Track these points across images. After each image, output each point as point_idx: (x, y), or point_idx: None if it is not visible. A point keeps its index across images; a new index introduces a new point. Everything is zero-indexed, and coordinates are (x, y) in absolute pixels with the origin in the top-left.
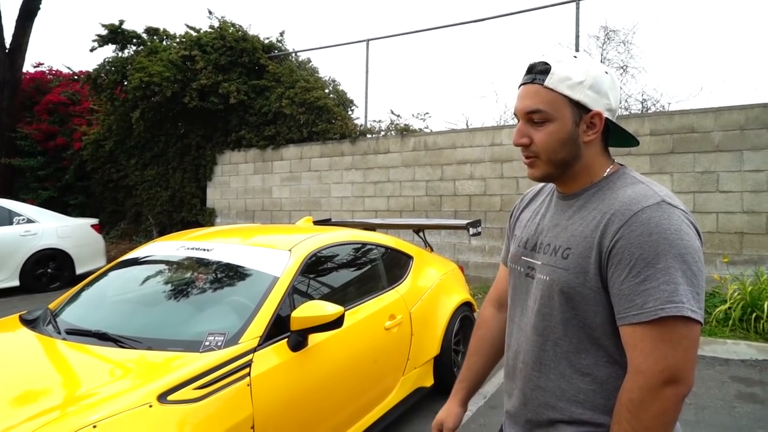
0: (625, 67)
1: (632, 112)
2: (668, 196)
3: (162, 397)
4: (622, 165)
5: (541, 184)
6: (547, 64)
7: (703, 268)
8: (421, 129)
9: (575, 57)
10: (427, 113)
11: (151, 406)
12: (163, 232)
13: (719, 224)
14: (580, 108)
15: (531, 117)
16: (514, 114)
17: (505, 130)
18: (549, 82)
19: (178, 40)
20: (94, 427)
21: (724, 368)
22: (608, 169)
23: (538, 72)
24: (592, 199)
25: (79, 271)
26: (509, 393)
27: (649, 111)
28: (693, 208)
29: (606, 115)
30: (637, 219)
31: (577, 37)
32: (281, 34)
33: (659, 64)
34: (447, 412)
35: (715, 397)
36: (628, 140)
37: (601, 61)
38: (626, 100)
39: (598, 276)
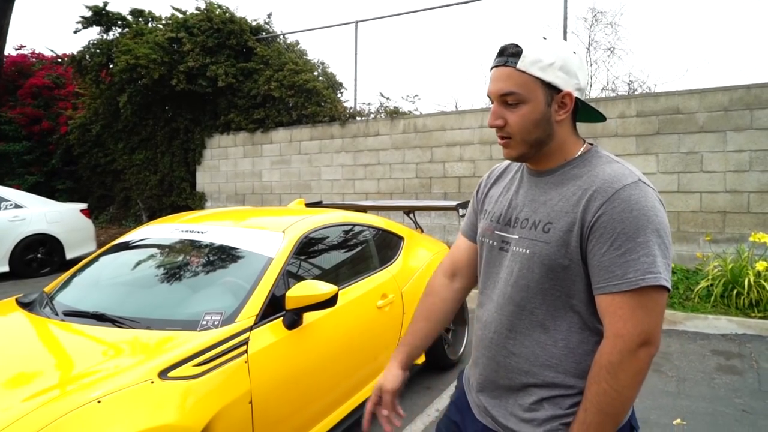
0: (612, 49)
1: (619, 93)
2: (642, 177)
3: (163, 374)
4: (593, 144)
5: (506, 163)
6: (518, 46)
7: (671, 244)
8: (410, 111)
9: (545, 39)
10: (417, 96)
11: (152, 383)
12: (152, 216)
13: (702, 204)
14: (551, 89)
15: (505, 99)
16: (488, 96)
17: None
18: (521, 64)
19: (164, 22)
20: (99, 402)
21: (706, 342)
22: (581, 149)
23: (509, 54)
24: (569, 176)
25: (69, 256)
26: (477, 362)
27: (636, 92)
28: (677, 188)
29: (576, 94)
30: (618, 196)
31: (565, 18)
32: (269, 16)
33: (646, 46)
34: (385, 375)
35: (696, 370)
36: (596, 116)
37: (589, 43)
38: (613, 82)
39: (579, 248)
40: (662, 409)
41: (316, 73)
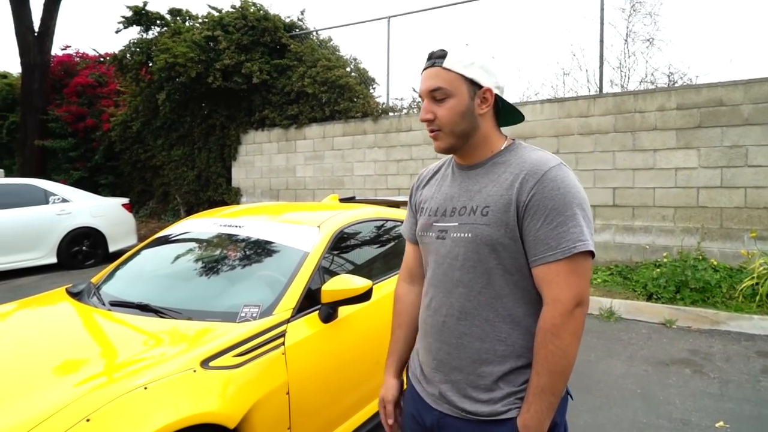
0: (651, 40)
1: (658, 86)
2: (562, 161)
3: (204, 363)
4: (515, 140)
5: (435, 165)
6: (443, 50)
7: (592, 216)
8: None
9: (467, 44)
10: None
11: (195, 371)
12: (190, 211)
13: (747, 199)
14: (473, 85)
15: (434, 95)
16: (419, 96)
17: (528, 106)
18: (446, 63)
19: (200, 20)
20: (145, 388)
21: (750, 344)
22: (506, 143)
23: (436, 57)
24: (497, 166)
25: (112, 248)
26: (428, 349)
27: (676, 84)
28: (720, 183)
29: (495, 91)
30: (547, 176)
31: (602, 9)
32: (302, 12)
33: (687, 36)
34: (385, 387)
35: (740, 372)
36: (517, 117)
37: (627, 35)
38: (652, 74)
39: (516, 226)
40: (704, 411)
41: (348, 69)
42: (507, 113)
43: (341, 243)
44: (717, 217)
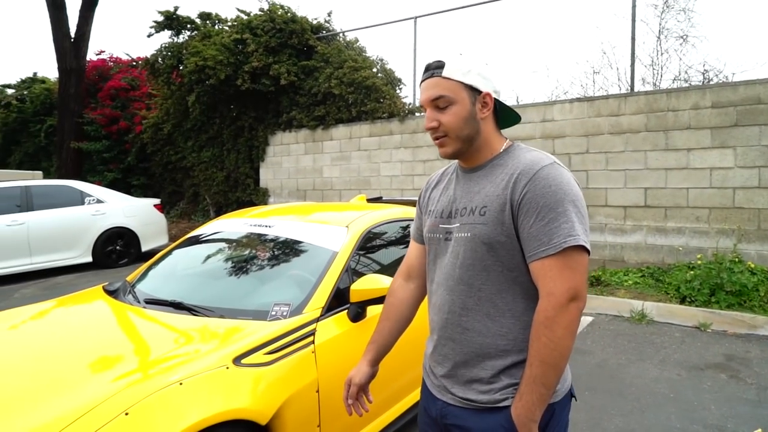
0: (685, 37)
1: (692, 84)
2: (557, 160)
3: (237, 360)
4: (513, 141)
5: (441, 170)
6: (440, 61)
7: (587, 213)
8: None
9: (461, 54)
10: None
11: (227, 368)
12: (219, 211)
13: None
14: (473, 90)
15: (437, 103)
16: (421, 106)
17: (557, 106)
18: (446, 72)
19: (229, 23)
20: (180, 384)
21: None
22: (504, 145)
23: (435, 68)
24: (496, 167)
25: (144, 248)
26: (435, 345)
27: (711, 82)
28: (758, 183)
29: (493, 95)
30: (538, 175)
31: (634, 6)
32: (329, 14)
33: (723, 33)
34: (357, 370)
35: None
36: (514, 119)
37: (660, 32)
38: (686, 72)
39: (512, 225)
40: (740, 417)
41: (375, 70)
42: (505, 116)
43: (369, 243)
44: (755, 219)
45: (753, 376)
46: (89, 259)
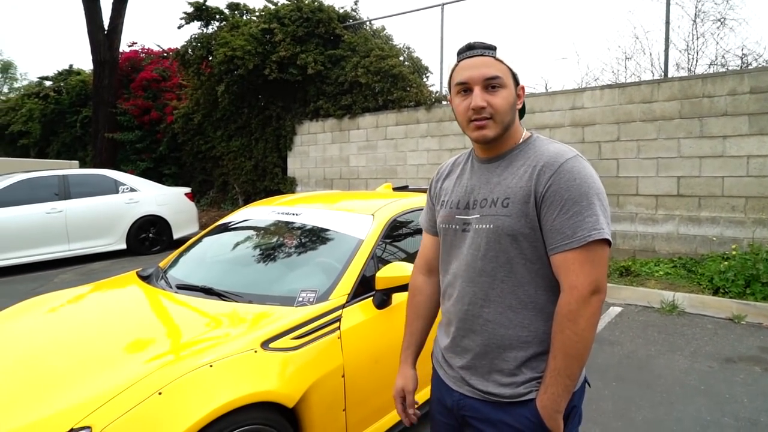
0: (722, 20)
1: (730, 68)
2: (579, 153)
3: (265, 345)
4: (533, 133)
5: (452, 160)
6: (490, 43)
7: (608, 206)
8: None
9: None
10: None
11: (256, 352)
12: (248, 200)
13: None
14: (515, 80)
15: (490, 83)
16: (463, 83)
17: (586, 93)
18: (499, 55)
19: (257, 14)
20: (211, 366)
21: None
22: (524, 135)
23: (485, 47)
24: (517, 158)
25: (176, 236)
26: (451, 336)
27: (750, 67)
28: None
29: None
30: (563, 168)
31: None
32: (355, 2)
33: (763, 14)
34: (404, 377)
35: None
36: (521, 114)
37: (696, 15)
38: (723, 56)
39: (536, 217)
40: None
41: (401, 58)
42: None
43: (395, 231)
44: None
45: None
46: (123, 246)
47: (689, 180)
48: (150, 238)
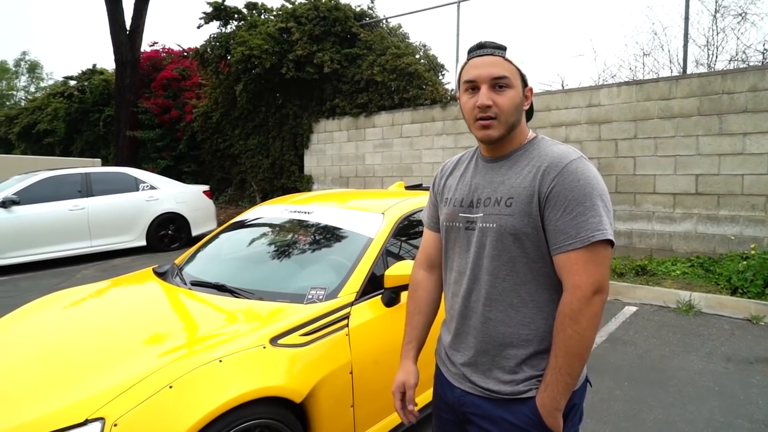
0: (744, 14)
1: (750, 64)
2: (583, 155)
3: (273, 341)
4: (537, 134)
5: (456, 157)
6: (501, 43)
7: (611, 207)
8: None
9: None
10: None
11: (264, 348)
12: (265, 197)
13: None
14: (523, 81)
15: (497, 82)
16: (471, 81)
17: (603, 90)
18: (508, 55)
19: (275, 13)
20: (220, 361)
21: None
22: (528, 137)
23: (495, 47)
24: (521, 158)
25: (194, 233)
26: (457, 334)
27: None
28: None
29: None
30: (567, 169)
31: None
32: (372, 0)
33: None
34: (405, 372)
35: None
36: (530, 115)
37: (716, 10)
38: (744, 51)
39: (539, 217)
40: None
41: (417, 56)
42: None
43: (405, 229)
44: None
45: None
46: (143, 242)
47: (708, 178)
48: (169, 235)
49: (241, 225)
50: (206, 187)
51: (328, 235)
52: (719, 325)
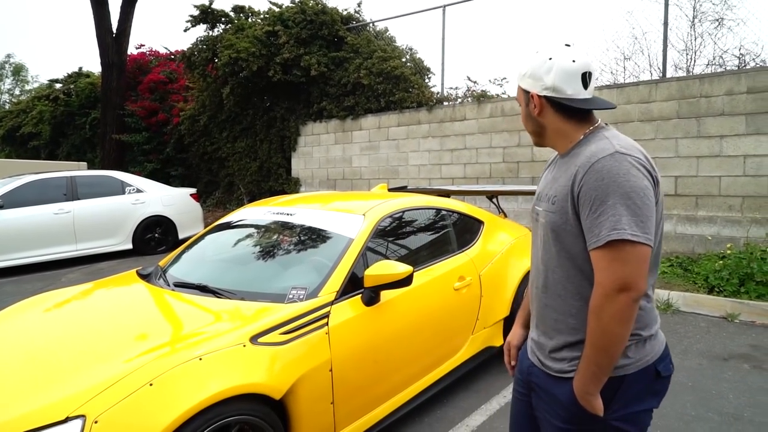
0: (721, 20)
1: (727, 68)
2: (624, 147)
3: (254, 339)
4: (599, 126)
5: (555, 153)
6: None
7: (649, 202)
8: (498, 95)
9: (537, 52)
10: (505, 78)
11: (244, 346)
12: (253, 200)
13: None
14: (526, 92)
15: (522, 106)
16: None
17: None
18: (518, 81)
19: (262, 16)
20: (200, 359)
21: None
22: (586, 131)
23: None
24: (573, 156)
25: (181, 236)
26: (531, 314)
27: (747, 67)
28: None
29: (544, 93)
30: (593, 168)
31: None
32: (359, 4)
33: (762, 14)
34: (513, 334)
35: None
36: (599, 103)
37: (694, 16)
38: (721, 57)
39: (575, 215)
40: (759, 407)
41: (404, 60)
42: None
43: (386, 230)
44: None
45: None
46: (129, 246)
47: (687, 180)
48: (156, 238)
49: (225, 227)
50: (193, 190)
51: (310, 236)
52: (696, 323)
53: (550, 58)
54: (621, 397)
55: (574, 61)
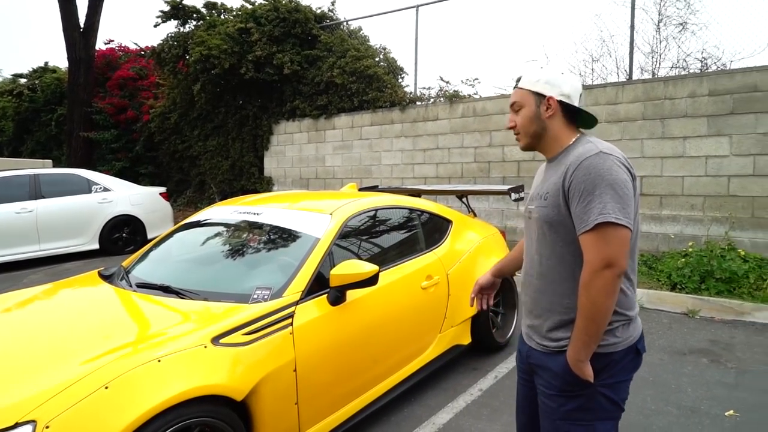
0: (684, 24)
1: (690, 71)
2: (607, 149)
3: (215, 340)
4: (583, 134)
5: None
6: (519, 76)
7: (629, 192)
8: (470, 95)
9: (541, 68)
10: (477, 79)
11: (205, 347)
12: (225, 199)
13: None
14: (539, 96)
15: (513, 108)
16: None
17: None
18: (520, 84)
19: (234, 13)
20: (159, 361)
21: None
22: (573, 138)
23: (516, 81)
24: (563, 159)
25: (150, 235)
26: (524, 301)
27: (709, 70)
28: (753, 171)
29: (558, 98)
30: (581, 165)
31: None
32: (332, 3)
33: (723, 19)
34: (482, 276)
35: (760, 363)
36: (593, 121)
37: (659, 19)
38: (684, 59)
39: (566, 208)
40: (715, 399)
41: (377, 59)
42: (585, 116)
43: (354, 229)
44: (748, 207)
45: (734, 361)
46: (96, 246)
47: (652, 179)
48: (124, 238)
49: (190, 226)
50: (163, 189)
51: (276, 236)
52: (659, 319)
53: (562, 73)
54: (609, 369)
55: (577, 81)
